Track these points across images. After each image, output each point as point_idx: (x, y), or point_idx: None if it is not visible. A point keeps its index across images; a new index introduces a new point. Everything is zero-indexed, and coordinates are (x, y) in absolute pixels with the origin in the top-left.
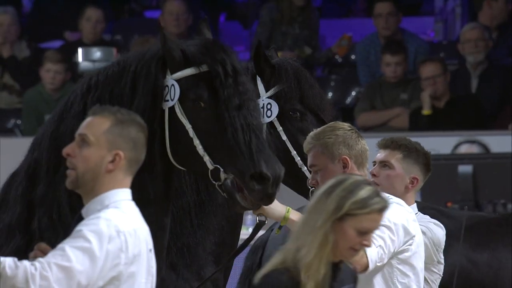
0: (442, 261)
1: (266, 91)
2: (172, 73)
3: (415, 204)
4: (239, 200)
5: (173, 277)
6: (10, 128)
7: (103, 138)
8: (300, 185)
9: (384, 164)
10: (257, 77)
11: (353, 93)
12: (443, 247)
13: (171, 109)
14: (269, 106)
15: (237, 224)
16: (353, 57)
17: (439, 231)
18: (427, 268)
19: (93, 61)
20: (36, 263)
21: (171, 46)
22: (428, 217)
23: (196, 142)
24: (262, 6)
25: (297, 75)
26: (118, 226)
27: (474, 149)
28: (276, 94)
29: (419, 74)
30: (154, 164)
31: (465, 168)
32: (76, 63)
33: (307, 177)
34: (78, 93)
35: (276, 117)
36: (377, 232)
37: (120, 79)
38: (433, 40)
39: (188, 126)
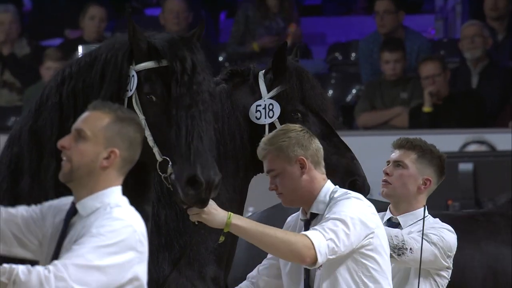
0: (451, 266)
1: (268, 92)
2: (136, 63)
3: (425, 207)
4: (181, 195)
5: (175, 275)
6: (10, 126)
7: (101, 134)
8: None
9: (398, 163)
10: (259, 77)
11: (354, 91)
12: (454, 252)
13: (129, 99)
14: (271, 107)
15: None
16: (353, 54)
17: (451, 238)
18: (437, 273)
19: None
20: (50, 266)
21: (138, 37)
22: (438, 220)
23: (147, 133)
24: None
25: (299, 76)
26: (133, 225)
27: (483, 149)
28: (277, 95)
29: (419, 73)
30: None
31: (466, 166)
32: None
33: None
34: (52, 85)
35: (277, 118)
36: (328, 224)
37: (91, 69)
38: (433, 38)
39: (142, 117)
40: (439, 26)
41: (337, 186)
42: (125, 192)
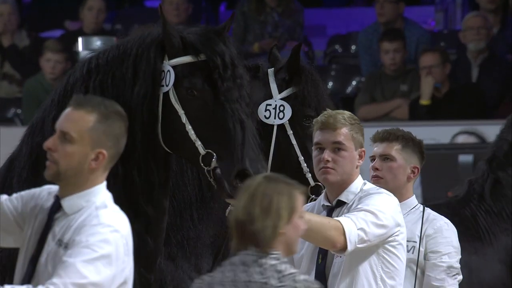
0: None
1: (280, 92)
2: (169, 58)
3: (414, 196)
4: (227, 189)
5: (171, 268)
6: (10, 118)
7: (87, 136)
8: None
9: (385, 157)
10: (269, 75)
11: (354, 83)
12: None
13: (165, 94)
14: (281, 108)
15: None
16: (353, 46)
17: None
18: None
19: (94, 50)
20: (51, 286)
21: (170, 32)
22: (430, 210)
23: (188, 127)
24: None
25: (313, 80)
26: (120, 230)
27: (471, 140)
28: (289, 96)
29: (419, 64)
30: (156, 149)
31: (466, 158)
32: (76, 53)
33: (310, 184)
34: (77, 76)
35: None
36: (360, 214)
37: (121, 63)
38: (433, 30)
39: (181, 112)
40: (439, 18)
41: (365, 181)
42: (152, 190)
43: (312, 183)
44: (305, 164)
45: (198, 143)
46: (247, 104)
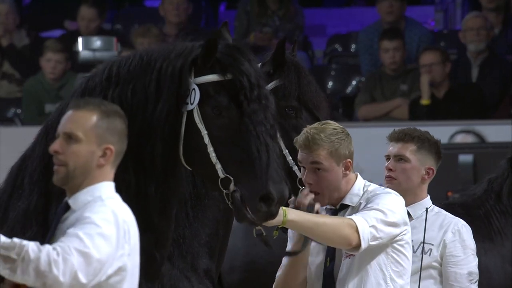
0: None
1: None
2: (195, 76)
3: (428, 196)
4: (247, 215)
5: (168, 267)
6: (10, 117)
7: (92, 133)
8: (290, 184)
9: (399, 158)
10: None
11: (354, 83)
12: None
13: (189, 112)
14: None
15: (231, 216)
16: (353, 46)
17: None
18: None
19: (93, 50)
20: (58, 248)
21: (214, 50)
22: (442, 210)
23: (210, 149)
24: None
25: (297, 71)
26: (123, 215)
27: (469, 139)
28: (273, 90)
29: (419, 63)
30: (176, 166)
31: (466, 158)
32: (76, 52)
33: (298, 176)
34: (96, 82)
35: None
36: (371, 213)
37: (143, 75)
38: (433, 30)
39: (204, 132)
40: (439, 18)
41: (366, 180)
42: (164, 206)
43: (300, 175)
44: (290, 157)
45: (218, 166)
46: (272, 126)
